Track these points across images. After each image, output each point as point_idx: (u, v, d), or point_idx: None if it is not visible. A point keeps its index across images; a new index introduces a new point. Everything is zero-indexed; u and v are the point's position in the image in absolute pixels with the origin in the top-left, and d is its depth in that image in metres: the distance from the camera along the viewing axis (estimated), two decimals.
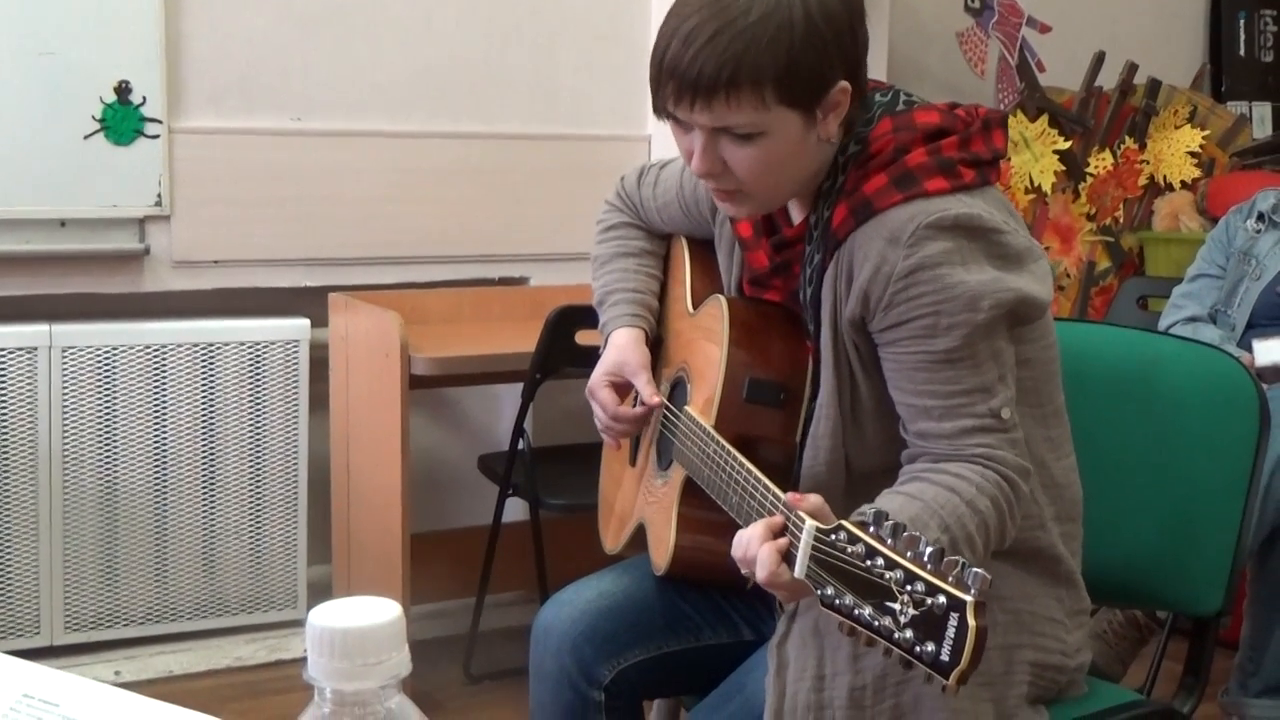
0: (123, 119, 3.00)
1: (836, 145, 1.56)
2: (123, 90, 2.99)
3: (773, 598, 1.68)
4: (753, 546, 1.36)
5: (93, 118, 2.97)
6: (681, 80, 1.46)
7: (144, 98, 3.01)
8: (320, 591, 3.33)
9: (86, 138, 2.97)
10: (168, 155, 3.05)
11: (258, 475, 3.18)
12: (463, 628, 3.19)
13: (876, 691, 1.50)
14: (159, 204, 3.05)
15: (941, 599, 1.14)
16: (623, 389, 1.82)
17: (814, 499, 1.34)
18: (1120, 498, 1.85)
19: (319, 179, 3.23)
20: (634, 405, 1.83)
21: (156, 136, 3.03)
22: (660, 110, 1.53)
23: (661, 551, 1.75)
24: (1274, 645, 2.68)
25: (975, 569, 1.14)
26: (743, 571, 1.40)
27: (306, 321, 3.19)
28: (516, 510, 3.12)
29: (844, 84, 1.50)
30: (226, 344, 3.11)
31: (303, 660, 0.82)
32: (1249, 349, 2.90)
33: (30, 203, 2.95)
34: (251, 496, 3.18)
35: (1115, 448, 1.87)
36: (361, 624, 0.81)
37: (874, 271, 1.47)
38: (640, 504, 1.88)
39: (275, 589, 3.24)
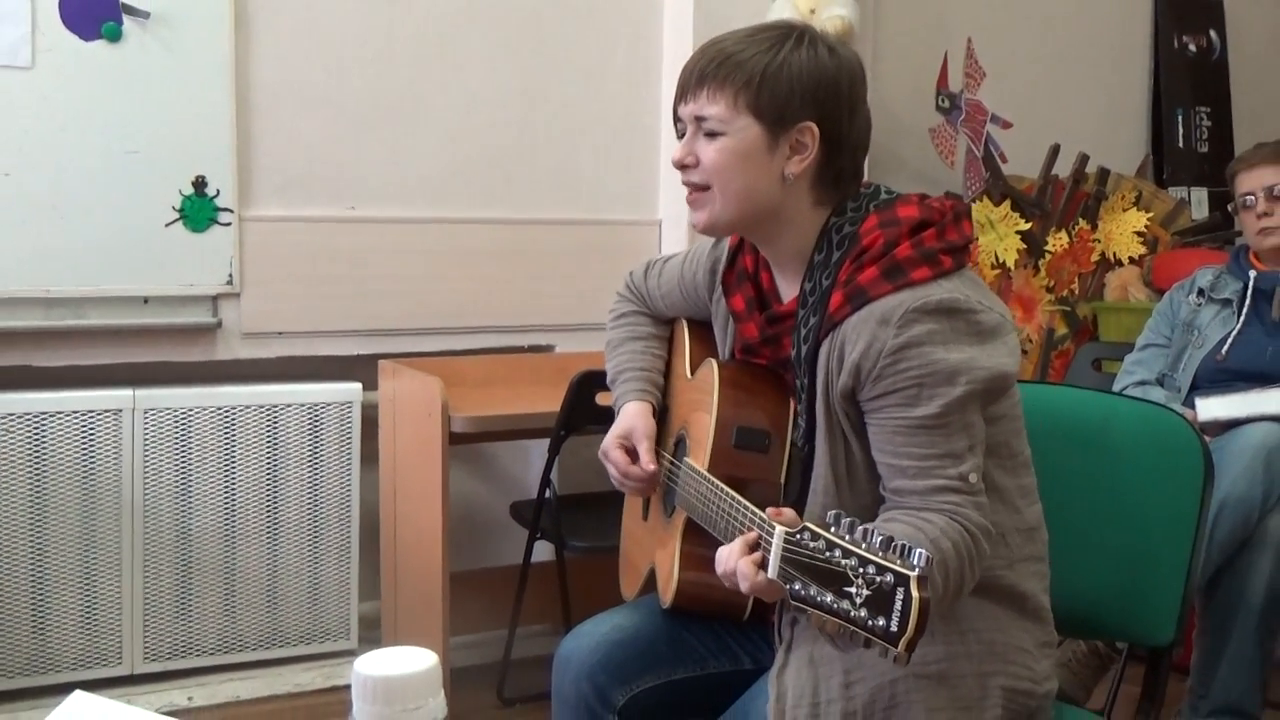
0: (199, 209, 3.01)
1: (808, 200, 1.58)
2: (199, 184, 3.00)
3: (770, 630, 1.67)
4: (731, 559, 1.37)
5: (173, 208, 2.98)
6: (685, 75, 1.58)
7: (218, 190, 3.02)
8: (370, 624, 3.30)
9: (167, 225, 2.98)
10: (238, 240, 3.05)
11: (315, 521, 3.16)
12: (496, 656, 3.15)
13: (867, 716, 1.49)
14: (230, 283, 3.06)
15: (889, 577, 1.16)
16: (632, 451, 1.84)
17: (789, 512, 1.34)
18: (1082, 540, 1.83)
19: (370, 259, 3.23)
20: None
21: (229, 224, 3.03)
22: (675, 118, 1.62)
23: (667, 587, 1.73)
24: (1222, 671, 2.63)
25: (919, 549, 1.16)
26: (725, 584, 1.40)
27: (359, 385, 3.18)
28: (544, 551, 3.09)
29: (811, 125, 1.54)
30: (289, 405, 3.10)
31: None
32: (1193, 408, 2.87)
33: (117, 282, 2.95)
34: (310, 540, 3.16)
35: (1076, 496, 1.85)
36: (401, 672, 0.79)
37: (866, 348, 1.47)
38: (651, 552, 1.87)
39: (330, 622, 3.20)
